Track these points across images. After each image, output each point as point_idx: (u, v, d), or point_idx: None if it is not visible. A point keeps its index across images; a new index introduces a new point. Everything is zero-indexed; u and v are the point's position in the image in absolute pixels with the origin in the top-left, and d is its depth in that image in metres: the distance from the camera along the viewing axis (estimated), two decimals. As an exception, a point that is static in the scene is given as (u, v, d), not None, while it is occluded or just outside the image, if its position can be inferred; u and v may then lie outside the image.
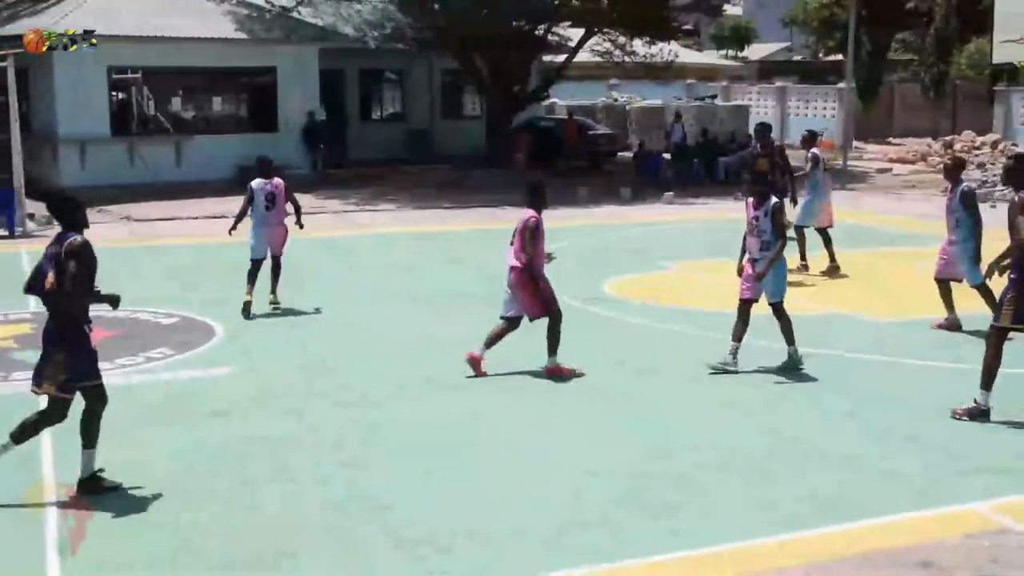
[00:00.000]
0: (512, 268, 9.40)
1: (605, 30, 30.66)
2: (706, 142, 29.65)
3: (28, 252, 16.80)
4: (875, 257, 16.52)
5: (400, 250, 17.24)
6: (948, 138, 35.48)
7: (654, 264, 15.40)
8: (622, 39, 30.95)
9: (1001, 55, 18.09)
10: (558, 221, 20.71)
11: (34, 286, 6.81)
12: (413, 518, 6.49)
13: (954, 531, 6.27)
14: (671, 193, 24.46)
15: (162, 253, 16.38)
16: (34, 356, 10.17)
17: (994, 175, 26.46)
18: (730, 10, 57.42)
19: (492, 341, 9.53)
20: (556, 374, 9.46)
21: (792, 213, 14.08)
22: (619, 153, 32.60)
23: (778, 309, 9.66)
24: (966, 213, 10.90)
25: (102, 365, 9.78)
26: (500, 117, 30.14)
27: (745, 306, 9.66)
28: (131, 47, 23.86)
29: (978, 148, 33.53)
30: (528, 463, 7.45)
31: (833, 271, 14.32)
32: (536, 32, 30.09)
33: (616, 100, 38.70)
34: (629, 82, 38.80)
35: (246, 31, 25.79)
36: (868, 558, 5.95)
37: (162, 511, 6.60)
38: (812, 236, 14.64)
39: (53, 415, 6.77)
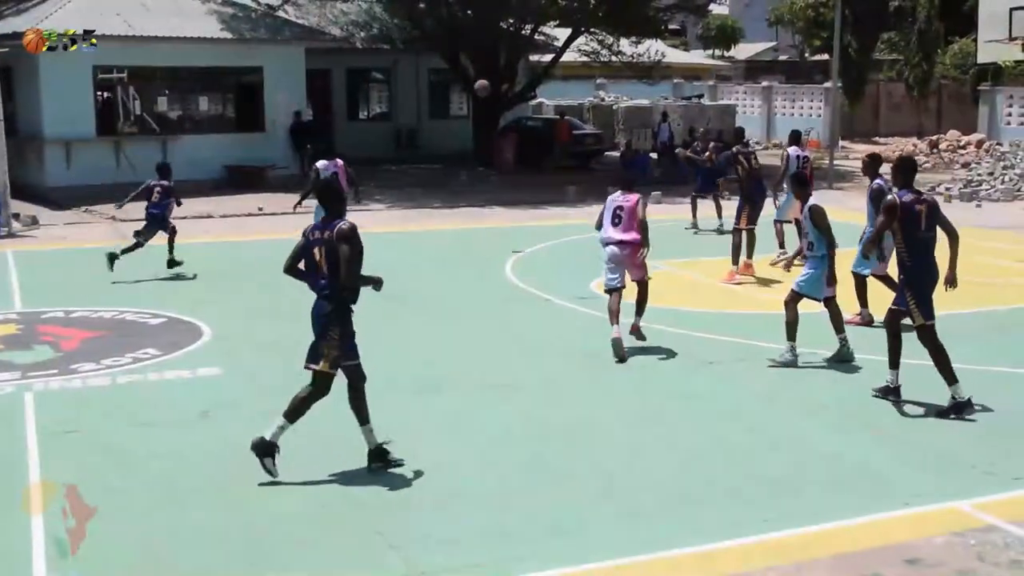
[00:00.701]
0: (626, 243, 10.32)
1: (592, 30, 30.68)
2: (693, 142, 29.65)
3: (14, 252, 16.75)
4: (861, 256, 16.54)
5: (389, 250, 17.18)
6: (933, 137, 35.65)
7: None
8: (609, 39, 30.98)
9: (985, 55, 18.17)
10: (546, 220, 20.77)
11: (293, 267, 7.19)
12: (403, 518, 6.49)
13: (940, 529, 6.30)
14: (658, 192, 24.49)
15: (148, 253, 16.27)
16: (20, 357, 10.23)
17: (978, 174, 26.60)
18: (716, 10, 57.54)
19: (638, 309, 10.53)
20: (637, 333, 10.48)
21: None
22: (606, 152, 32.63)
23: (792, 301, 9.83)
24: (874, 208, 11.03)
25: (88, 366, 9.87)
26: (487, 117, 30.14)
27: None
28: (116, 46, 23.74)
29: (963, 147, 33.71)
30: (515, 463, 7.45)
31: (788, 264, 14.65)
32: (523, 32, 30.10)
33: (603, 100, 38.74)
34: (616, 82, 38.86)
35: (232, 31, 25.71)
36: (855, 556, 5.98)
37: (153, 512, 6.58)
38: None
39: (321, 390, 7.06)
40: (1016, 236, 18.18)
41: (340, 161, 14.11)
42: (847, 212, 21.88)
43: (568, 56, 32.00)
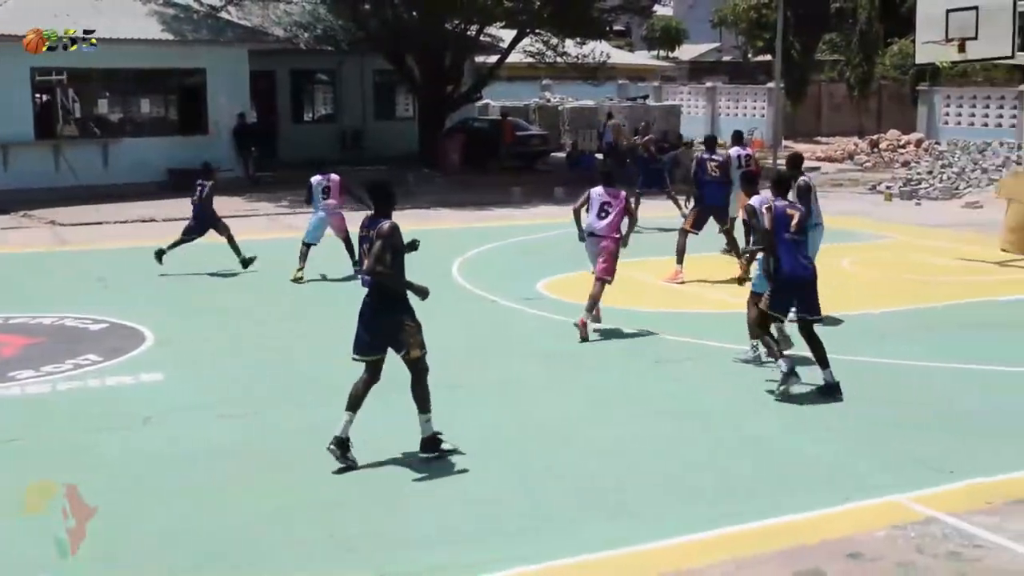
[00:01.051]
0: (610, 237, 11.08)
1: (537, 31, 30.77)
2: (635, 134, 29.83)
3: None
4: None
5: (335, 252, 17.11)
6: (874, 137, 36.21)
7: (587, 264, 15.45)
8: (554, 40, 31.08)
9: (924, 56, 18.42)
10: (492, 221, 20.79)
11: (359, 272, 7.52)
12: (361, 521, 6.47)
13: (880, 522, 6.40)
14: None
15: (90, 258, 16.08)
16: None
17: (918, 173, 27.08)
18: (660, 11, 57.96)
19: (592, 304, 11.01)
20: (583, 327, 10.79)
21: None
22: (552, 153, 32.73)
23: (752, 300, 9.89)
24: (802, 202, 11.21)
25: (27, 373, 9.70)
26: (433, 118, 30.09)
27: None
28: (55, 48, 23.32)
29: (903, 147, 34.29)
30: (476, 463, 7.42)
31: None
32: (468, 33, 30.09)
33: (549, 101, 38.86)
34: (562, 83, 38.98)
35: (173, 32, 25.40)
36: (796, 550, 6.05)
37: (101, 520, 6.43)
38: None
39: (425, 368, 7.41)
40: (954, 234, 18.52)
41: (335, 176, 14.40)
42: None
43: (514, 57, 32.06)
